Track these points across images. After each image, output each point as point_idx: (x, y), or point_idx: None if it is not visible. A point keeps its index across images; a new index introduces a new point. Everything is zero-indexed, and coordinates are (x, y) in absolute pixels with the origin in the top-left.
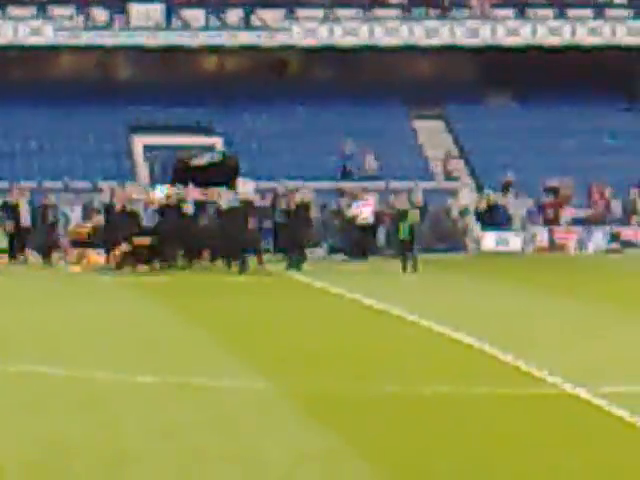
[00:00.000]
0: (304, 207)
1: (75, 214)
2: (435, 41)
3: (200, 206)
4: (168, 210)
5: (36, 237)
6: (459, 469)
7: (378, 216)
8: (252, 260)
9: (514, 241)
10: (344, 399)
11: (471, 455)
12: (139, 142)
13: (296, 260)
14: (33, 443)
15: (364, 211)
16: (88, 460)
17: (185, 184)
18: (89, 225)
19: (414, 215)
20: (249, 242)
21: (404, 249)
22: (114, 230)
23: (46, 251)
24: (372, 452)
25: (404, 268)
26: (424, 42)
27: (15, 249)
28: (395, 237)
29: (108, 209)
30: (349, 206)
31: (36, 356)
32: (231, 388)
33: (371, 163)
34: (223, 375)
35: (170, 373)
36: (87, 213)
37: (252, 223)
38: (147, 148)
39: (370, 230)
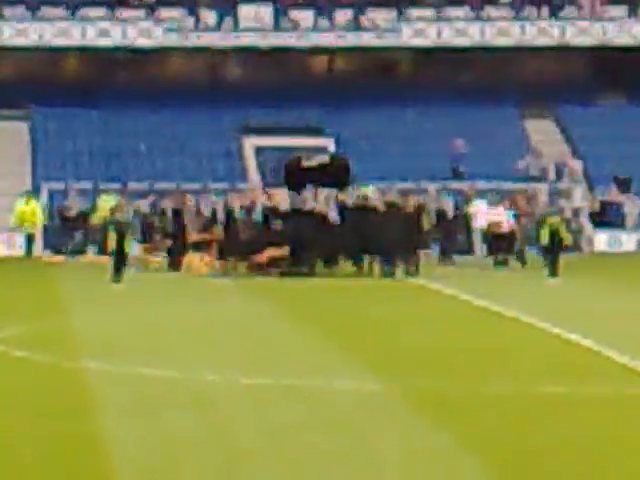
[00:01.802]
0: (418, 210)
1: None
2: (546, 41)
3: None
4: (302, 214)
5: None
6: (570, 470)
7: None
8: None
9: (628, 241)
10: (457, 400)
11: (584, 456)
12: (250, 143)
13: (410, 266)
14: (146, 444)
15: (498, 218)
16: (202, 461)
17: (297, 186)
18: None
19: (554, 219)
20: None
21: (545, 254)
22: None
23: (175, 255)
24: (484, 452)
25: (550, 273)
26: (535, 42)
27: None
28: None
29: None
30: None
31: (148, 358)
32: (344, 389)
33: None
34: (336, 376)
35: (282, 374)
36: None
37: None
38: (258, 149)
39: (508, 237)
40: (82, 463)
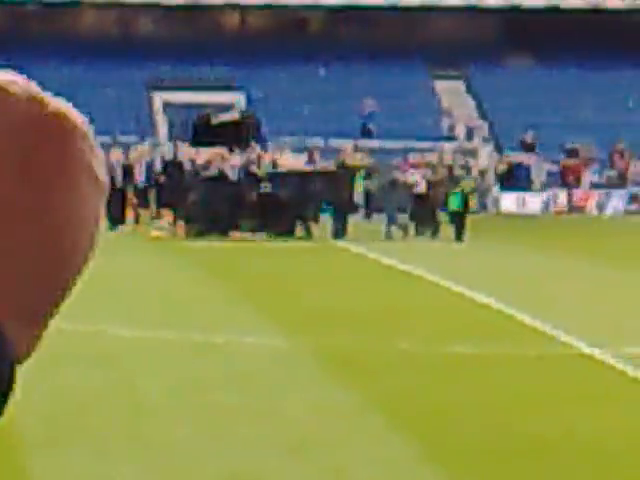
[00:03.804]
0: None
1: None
2: (456, 1)
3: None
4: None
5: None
6: (474, 427)
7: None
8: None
9: (533, 202)
10: (365, 358)
11: (487, 414)
12: (159, 99)
13: (340, 226)
14: (50, 397)
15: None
16: (105, 414)
17: (205, 144)
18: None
19: (468, 183)
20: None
21: (455, 219)
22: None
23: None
24: (390, 410)
25: (457, 237)
26: (446, 2)
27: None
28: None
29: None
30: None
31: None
32: (252, 345)
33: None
34: (244, 332)
35: (191, 330)
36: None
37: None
38: (167, 105)
39: (425, 198)
40: None
